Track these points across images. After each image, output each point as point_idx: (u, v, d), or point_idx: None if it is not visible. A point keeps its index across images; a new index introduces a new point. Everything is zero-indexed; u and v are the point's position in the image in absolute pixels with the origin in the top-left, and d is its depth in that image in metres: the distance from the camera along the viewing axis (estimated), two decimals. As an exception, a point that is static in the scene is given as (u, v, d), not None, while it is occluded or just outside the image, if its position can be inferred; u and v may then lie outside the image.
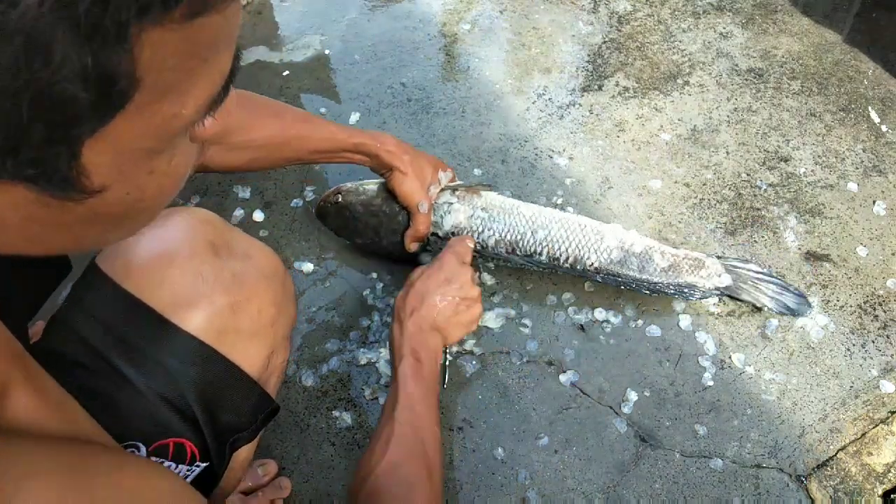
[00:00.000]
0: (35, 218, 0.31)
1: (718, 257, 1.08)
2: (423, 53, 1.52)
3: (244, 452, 0.68)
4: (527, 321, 1.06)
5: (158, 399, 0.56)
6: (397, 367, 0.80)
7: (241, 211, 1.21)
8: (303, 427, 0.97)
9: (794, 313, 1.04)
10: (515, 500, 0.89)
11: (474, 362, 1.02)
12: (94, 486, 0.35)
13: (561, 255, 1.04)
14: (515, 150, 1.31)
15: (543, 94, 1.42)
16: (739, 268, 1.06)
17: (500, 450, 0.94)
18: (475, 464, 0.93)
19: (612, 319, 1.06)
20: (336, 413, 0.98)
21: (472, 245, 0.98)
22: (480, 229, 1.05)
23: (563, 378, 1.00)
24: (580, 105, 1.39)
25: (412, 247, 1.06)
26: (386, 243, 1.08)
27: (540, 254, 1.04)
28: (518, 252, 1.04)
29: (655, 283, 1.03)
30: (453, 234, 1.05)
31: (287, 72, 1.49)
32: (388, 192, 1.06)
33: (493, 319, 1.04)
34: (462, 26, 1.58)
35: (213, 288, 0.59)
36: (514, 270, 1.11)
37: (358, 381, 1.01)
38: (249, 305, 0.62)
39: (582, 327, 1.05)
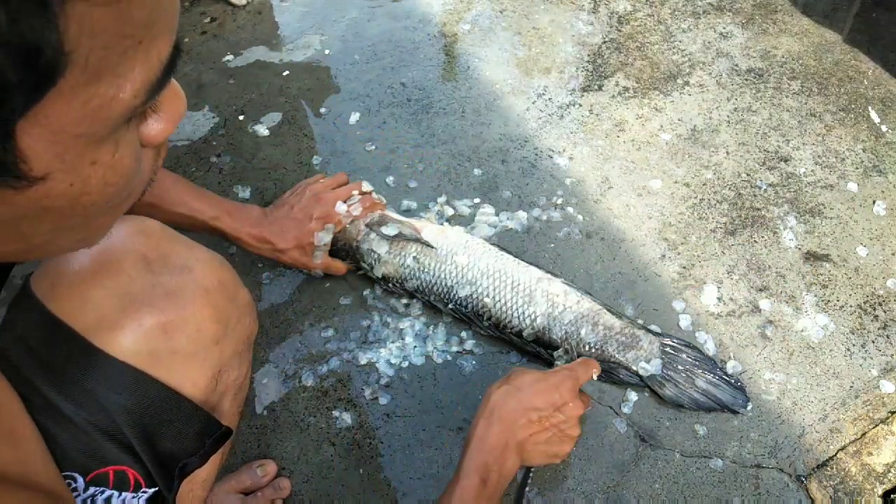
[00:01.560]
0: None
1: (660, 334, 0.98)
2: (423, 53, 1.52)
3: (202, 474, 0.63)
4: (527, 321, 1.06)
5: (92, 428, 0.52)
6: (460, 477, 0.71)
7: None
8: (302, 427, 0.97)
9: (725, 409, 0.94)
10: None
11: (474, 362, 1.02)
12: None
13: (484, 314, 1.00)
14: (515, 149, 1.31)
15: (543, 93, 1.42)
16: (678, 352, 0.96)
17: (499, 450, 0.93)
18: (475, 464, 0.92)
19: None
20: (336, 413, 0.98)
21: (597, 373, 0.85)
22: (408, 279, 1.04)
23: (563, 378, 0.99)
24: (580, 105, 1.39)
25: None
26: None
27: (465, 307, 1.01)
28: (446, 302, 1.02)
29: (578, 354, 0.96)
30: (384, 279, 1.06)
31: (287, 72, 1.49)
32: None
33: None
34: (462, 26, 1.58)
35: (142, 307, 0.55)
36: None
37: (358, 381, 1.01)
38: (186, 324, 0.57)
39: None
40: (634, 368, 0.96)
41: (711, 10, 1.59)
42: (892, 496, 0.89)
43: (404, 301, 1.08)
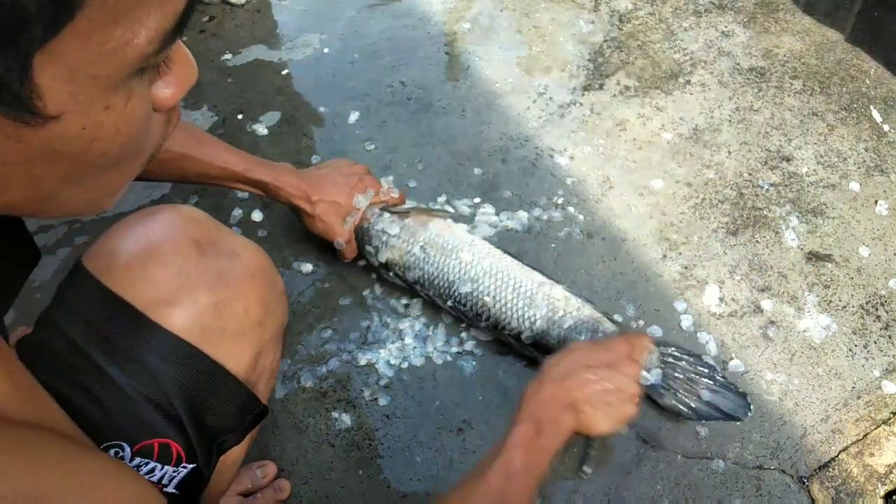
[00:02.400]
0: None
1: (660, 343, 0.94)
2: (423, 52, 1.52)
3: (234, 454, 0.66)
4: (527, 321, 1.05)
5: (142, 399, 0.55)
6: (512, 427, 0.71)
7: (240, 211, 1.20)
8: (301, 428, 0.96)
9: (727, 418, 0.92)
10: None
11: (474, 363, 1.02)
12: (41, 471, 0.34)
13: (483, 314, 0.98)
14: (516, 149, 1.30)
15: (544, 93, 1.41)
16: (678, 361, 0.93)
17: (500, 451, 0.93)
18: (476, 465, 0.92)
19: (613, 320, 1.05)
20: (335, 414, 0.97)
21: (650, 347, 0.85)
22: (412, 268, 1.02)
23: (563, 379, 0.99)
24: (581, 104, 1.38)
25: (346, 261, 1.08)
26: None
27: (465, 305, 0.99)
28: (444, 297, 1.01)
29: None
30: (385, 266, 1.04)
31: (286, 70, 1.49)
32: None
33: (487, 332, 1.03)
34: (462, 25, 1.58)
35: (197, 286, 0.58)
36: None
37: (357, 382, 1.00)
38: (235, 304, 0.60)
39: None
40: None
41: (713, 9, 1.58)
42: (894, 497, 0.89)
43: (404, 301, 1.08)
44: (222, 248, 0.63)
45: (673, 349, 0.95)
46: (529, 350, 0.98)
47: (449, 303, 1.01)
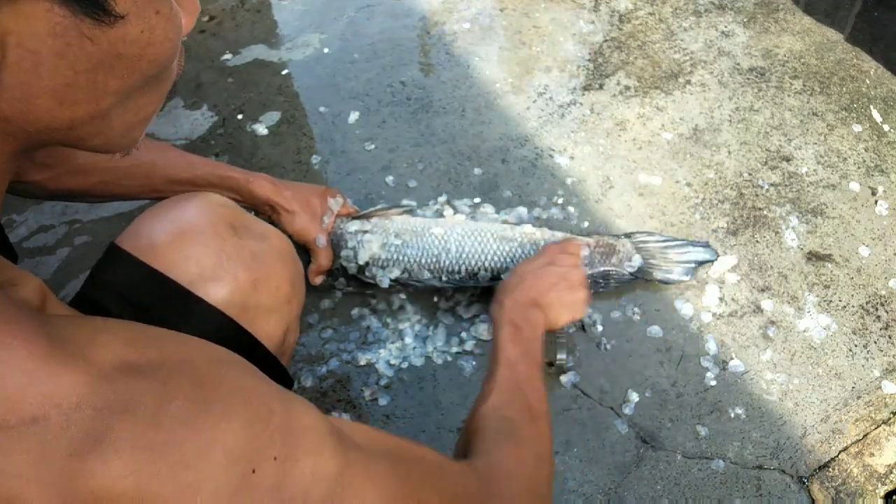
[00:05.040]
0: (66, 53, 0.35)
1: (627, 235, 1.11)
2: (423, 52, 1.52)
3: None
4: (527, 321, 1.06)
5: None
6: (496, 336, 0.79)
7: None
8: (302, 428, 0.96)
9: (704, 263, 1.08)
10: (516, 502, 0.89)
11: (474, 362, 1.02)
12: (161, 337, 0.40)
13: (479, 269, 1.02)
14: (516, 149, 1.30)
15: (544, 92, 1.41)
16: (647, 243, 1.09)
17: (500, 451, 0.93)
18: (475, 465, 0.92)
19: (614, 320, 1.05)
20: (335, 414, 0.97)
21: (582, 242, 1.01)
22: (396, 257, 1.03)
23: (563, 379, 0.99)
24: (581, 104, 1.38)
25: (317, 280, 1.05)
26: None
27: (459, 271, 1.03)
28: (436, 273, 1.03)
29: None
30: (368, 264, 1.03)
31: (286, 70, 1.49)
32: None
33: (487, 332, 1.03)
34: (462, 25, 1.58)
35: (236, 264, 0.62)
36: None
37: (357, 382, 1.00)
38: (268, 282, 0.65)
39: (583, 327, 1.04)
40: (623, 270, 1.06)
41: (713, 9, 1.58)
42: (894, 497, 0.89)
43: (402, 295, 1.08)
44: (253, 230, 0.67)
45: (640, 236, 1.10)
46: None
47: (443, 277, 1.03)
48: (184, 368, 0.38)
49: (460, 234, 1.04)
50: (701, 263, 1.09)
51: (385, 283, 1.03)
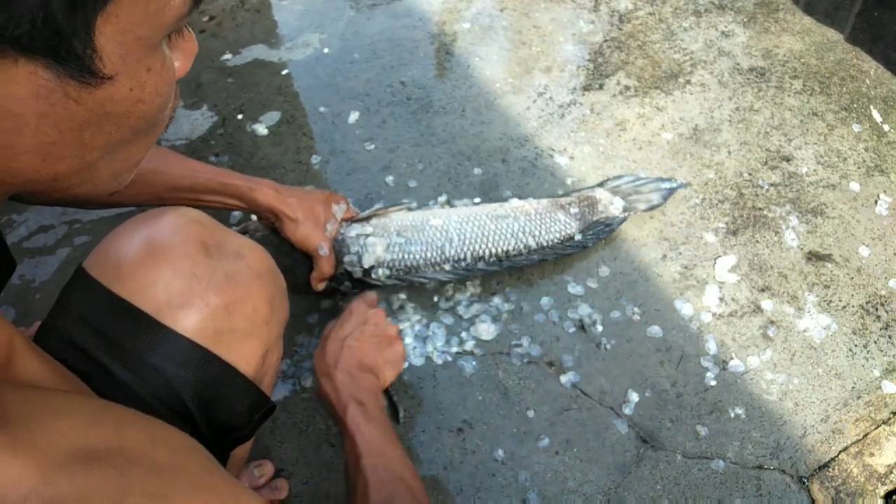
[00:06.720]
0: (50, 114, 0.34)
1: (600, 184, 1.17)
2: (423, 52, 1.52)
3: (240, 451, 0.67)
4: (527, 322, 1.05)
5: (156, 402, 0.55)
6: (344, 419, 0.75)
7: (239, 211, 1.20)
8: (301, 429, 0.96)
9: (675, 190, 1.17)
10: (516, 502, 0.89)
11: (474, 363, 1.02)
12: (121, 420, 0.38)
13: (484, 252, 1.05)
14: (516, 149, 1.30)
15: (544, 92, 1.41)
16: (620, 186, 1.16)
17: (500, 451, 0.93)
18: (475, 465, 0.92)
19: (614, 320, 1.05)
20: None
21: (375, 296, 0.96)
22: (401, 256, 1.03)
23: (563, 379, 0.99)
24: (581, 104, 1.38)
25: (319, 286, 1.03)
26: (304, 282, 1.03)
27: (465, 258, 1.04)
28: (443, 265, 1.03)
29: (577, 240, 1.09)
30: (373, 267, 1.02)
31: (286, 70, 1.49)
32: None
33: (487, 332, 1.03)
34: (462, 24, 1.58)
35: (208, 288, 0.58)
36: (513, 270, 1.11)
37: (357, 381, 1.00)
38: (244, 305, 0.61)
39: (583, 328, 1.04)
40: (610, 216, 1.12)
41: (713, 9, 1.58)
42: (894, 497, 0.89)
43: (402, 295, 1.08)
44: (228, 249, 0.63)
45: (611, 182, 1.17)
46: (541, 254, 1.08)
47: (447, 266, 1.04)
48: (143, 459, 0.35)
49: (458, 222, 1.05)
50: (672, 191, 1.16)
51: (391, 283, 1.04)
